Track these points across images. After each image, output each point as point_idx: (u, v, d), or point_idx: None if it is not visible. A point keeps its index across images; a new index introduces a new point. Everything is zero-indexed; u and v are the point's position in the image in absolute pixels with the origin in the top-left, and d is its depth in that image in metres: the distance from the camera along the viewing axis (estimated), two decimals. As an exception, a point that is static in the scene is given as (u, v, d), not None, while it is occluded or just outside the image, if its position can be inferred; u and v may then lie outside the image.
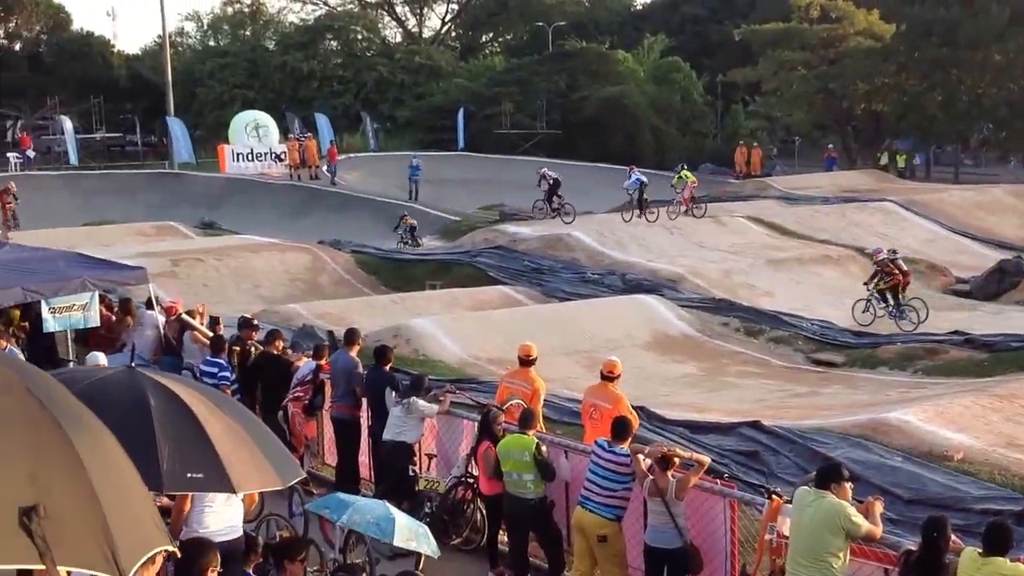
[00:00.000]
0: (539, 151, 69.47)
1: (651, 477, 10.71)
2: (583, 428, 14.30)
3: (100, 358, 14.05)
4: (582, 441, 13.12)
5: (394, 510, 10.36)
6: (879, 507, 9.23)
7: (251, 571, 8.52)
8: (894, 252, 29.61)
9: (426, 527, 10.61)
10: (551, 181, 42.26)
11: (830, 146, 64.49)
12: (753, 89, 70.13)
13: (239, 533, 9.45)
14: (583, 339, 24.57)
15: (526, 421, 12.26)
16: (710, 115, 74.87)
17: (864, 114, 66.28)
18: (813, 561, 8.84)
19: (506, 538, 12.78)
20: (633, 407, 13.99)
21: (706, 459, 11.12)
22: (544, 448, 12.02)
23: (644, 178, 41.04)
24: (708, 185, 58.52)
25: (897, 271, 28.01)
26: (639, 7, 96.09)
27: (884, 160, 61.89)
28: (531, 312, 26.95)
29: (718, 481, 11.13)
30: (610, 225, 37.58)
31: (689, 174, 42.03)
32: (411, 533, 10.07)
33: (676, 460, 10.76)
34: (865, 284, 28.51)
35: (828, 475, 9.12)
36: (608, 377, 13.89)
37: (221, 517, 9.32)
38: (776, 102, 67.12)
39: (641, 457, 11.00)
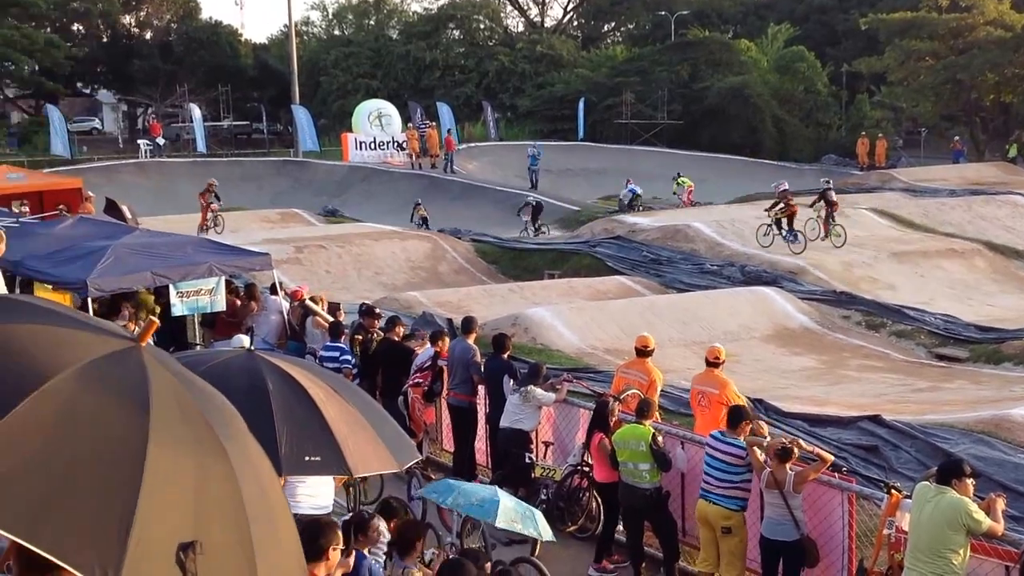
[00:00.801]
0: (660, 141, 69.14)
1: (768, 469, 10.68)
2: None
3: (244, 341, 14.45)
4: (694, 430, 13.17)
5: (502, 494, 10.41)
6: (1001, 504, 9.12)
7: (366, 553, 8.63)
8: (828, 181, 33.89)
9: (535, 509, 10.64)
10: (534, 205, 43.11)
11: (957, 138, 63.07)
12: (879, 79, 68.88)
13: (330, 509, 9.75)
14: (701, 331, 24.42)
15: (643, 411, 12.29)
16: (834, 106, 73.55)
17: (993, 105, 64.86)
18: (933, 557, 8.76)
19: (622, 527, 12.83)
20: (751, 399, 13.96)
21: (829, 456, 10.98)
22: (660, 438, 12.04)
23: (638, 188, 45.30)
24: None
25: (795, 203, 31.61)
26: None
27: (1013, 152, 60.48)
28: (649, 303, 26.84)
29: (836, 475, 11.05)
30: (730, 216, 37.27)
31: (686, 179, 46.02)
32: (516, 515, 10.13)
33: (795, 452, 10.70)
34: (766, 211, 32.03)
35: (949, 471, 9.03)
36: (713, 363, 14.05)
37: (314, 493, 9.59)
38: (902, 92, 65.83)
39: (757, 449, 10.96)
